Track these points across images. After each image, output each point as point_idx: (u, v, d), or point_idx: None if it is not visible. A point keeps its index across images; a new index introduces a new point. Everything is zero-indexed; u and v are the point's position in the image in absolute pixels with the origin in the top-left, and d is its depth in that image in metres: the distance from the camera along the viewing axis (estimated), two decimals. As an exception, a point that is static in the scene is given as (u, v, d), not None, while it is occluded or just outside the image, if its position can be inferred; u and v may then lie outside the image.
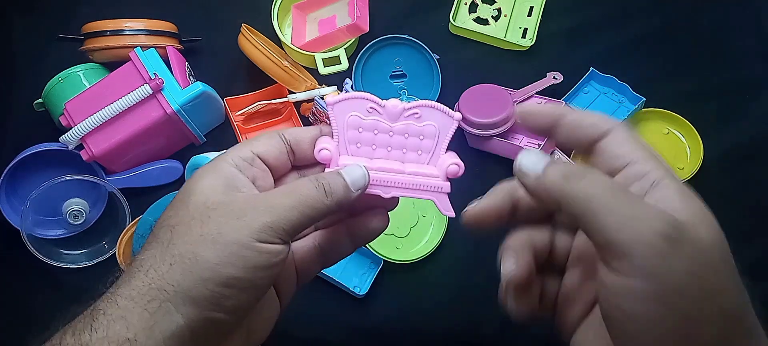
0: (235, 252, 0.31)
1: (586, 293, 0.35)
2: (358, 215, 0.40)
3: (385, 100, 0.38)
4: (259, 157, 0.37)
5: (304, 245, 0.41)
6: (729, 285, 0.28)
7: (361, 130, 0.38)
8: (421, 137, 0.39)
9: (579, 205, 0.29)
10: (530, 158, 0.33)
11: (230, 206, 0.33)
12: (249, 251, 0.32)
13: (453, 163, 0.38)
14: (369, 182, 0.37)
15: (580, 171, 0.30)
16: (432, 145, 0.39)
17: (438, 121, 0.38)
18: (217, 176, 0.35)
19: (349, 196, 0.36)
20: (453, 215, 0.39)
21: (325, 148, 0.37)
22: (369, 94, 0.38)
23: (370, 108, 0.38)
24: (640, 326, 0.28)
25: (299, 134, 0.38)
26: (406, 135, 0.39)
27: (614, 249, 0.28)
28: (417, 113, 0.38)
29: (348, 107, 0.38)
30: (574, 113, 0.34)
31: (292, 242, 0.34)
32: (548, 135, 0.35)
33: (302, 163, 0.39)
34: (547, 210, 0.37)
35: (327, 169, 0.38)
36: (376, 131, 0.38)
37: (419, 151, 0.39)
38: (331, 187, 0.35)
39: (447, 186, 0.39)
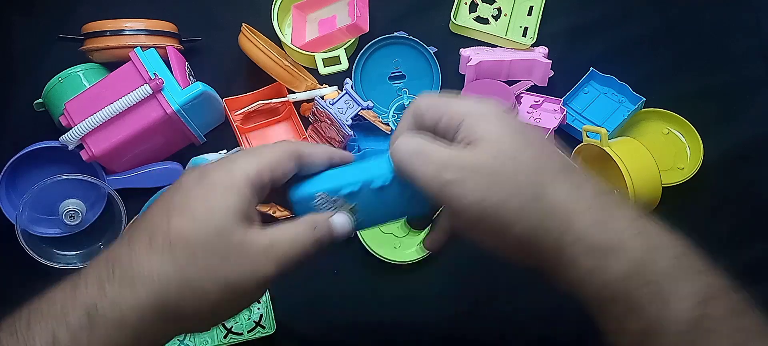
0: (239, 296, 0.35)
1: None
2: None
3: None
4: (271, 181, 0.38)
5: None
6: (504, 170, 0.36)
7: None
8: None
9: (408, 176, 0.38)
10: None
11: (247, 252, 0.35)
12: (248, 297, 0.36)
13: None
14: (351, 231, 0.40)
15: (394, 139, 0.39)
16: None
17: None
18: (236, 202, 0.35)
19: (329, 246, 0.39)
20: None
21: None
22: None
23: None
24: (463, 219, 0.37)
25: (311, 161, 0.40)
26: None
27: (439, 201, 0.38)
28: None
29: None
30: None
31: None
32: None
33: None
34: None
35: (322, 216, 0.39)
36: None
37: None
38: (324, 241, 0.38)
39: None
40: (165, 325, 0.34)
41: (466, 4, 0.82)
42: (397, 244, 0.71)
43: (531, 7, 0.81)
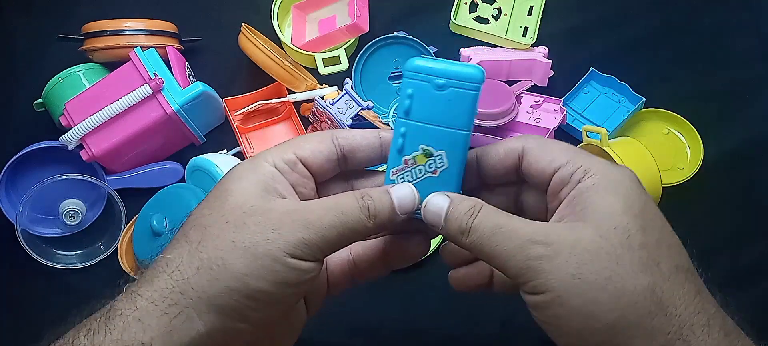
0: (266, 265, 0.30)
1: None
2: (396, 234, 0.38)
3: None
4: (302, 161, 0.35)
5: (338, 256, 0.39)
6: (622, 266, 0.30)
7: None
8: None
9: (480, 254, 0.33)
10: (435, 203, 0.34)
11: (267, 215, 0.31)
12: (280, 266, 0.31)
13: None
14: (416, 206, 0.35)
15: (468, 218, 0.33)
16: None
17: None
18: (257, 177, 0.33)
19: (393, 219, 0.34)
20: None
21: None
22: None
23: None
24: (570, 324, 0.32)
25: (356, 142, 0.36)
26: None
27: (517, 280, 0.32)
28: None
29: None
30: (489, 152, 0.37)
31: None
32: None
33: (353, 168, 0.37)
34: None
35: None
36: None
37: None
38: (376, 208, 0.33)
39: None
40: (204, 315, 0.30)
41: (466, 4, 0.82)
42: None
43: (531, 7, 0.81)
